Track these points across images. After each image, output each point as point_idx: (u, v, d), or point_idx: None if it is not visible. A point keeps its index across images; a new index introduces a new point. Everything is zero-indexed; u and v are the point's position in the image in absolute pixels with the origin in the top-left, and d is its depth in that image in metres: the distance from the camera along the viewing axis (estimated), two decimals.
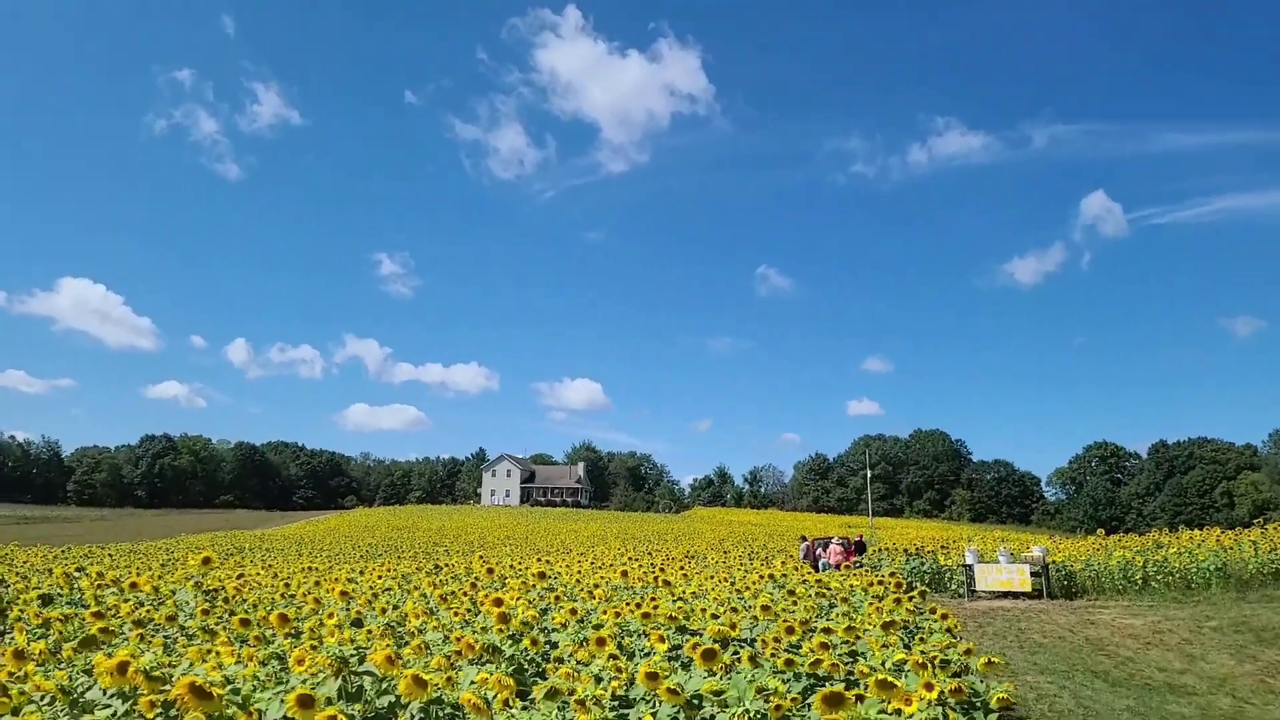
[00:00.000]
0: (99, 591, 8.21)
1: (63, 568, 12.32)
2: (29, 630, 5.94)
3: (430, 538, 48.19)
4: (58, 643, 5.09)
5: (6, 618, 8.07)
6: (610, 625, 7.36)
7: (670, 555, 21.79)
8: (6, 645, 4.90)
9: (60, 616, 6.03)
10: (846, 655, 6.11)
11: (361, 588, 11.25)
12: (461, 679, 4.97)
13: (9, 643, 5.10)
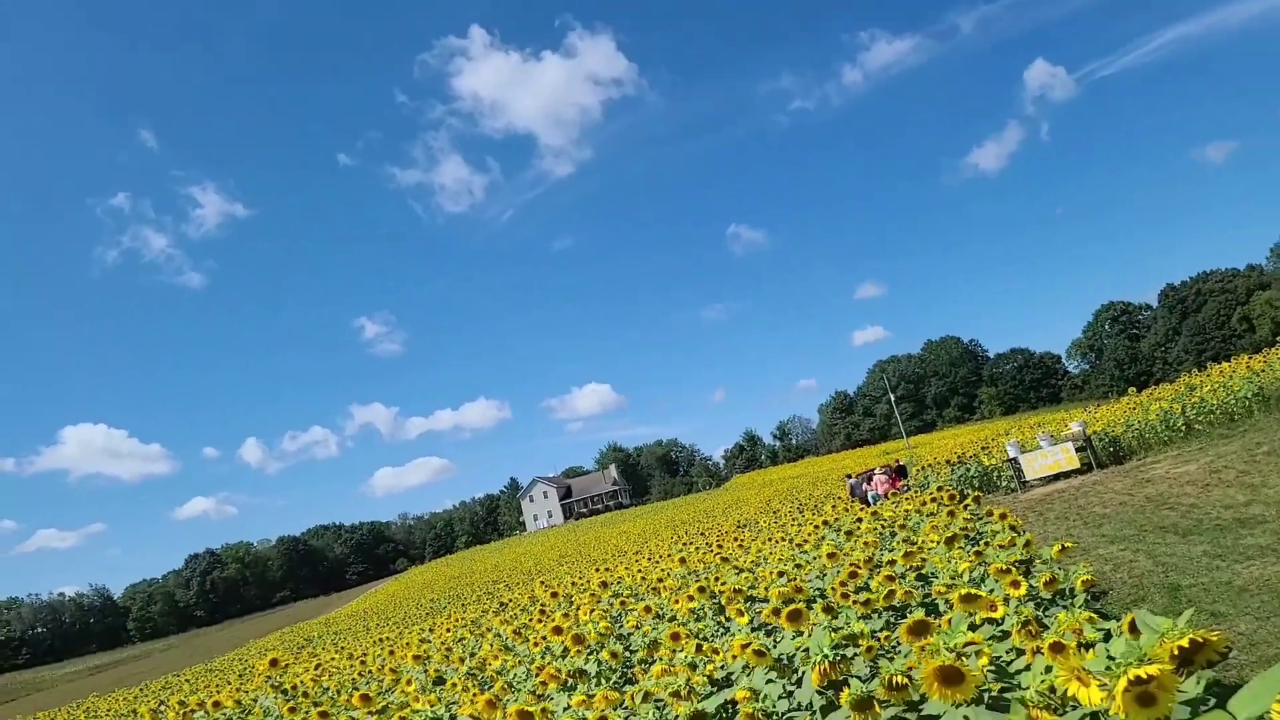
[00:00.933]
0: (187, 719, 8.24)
1: (146, 706, 12.38)
2: None
3: (488, 577, 48.33)
4: None
5: None
6: (684, 614, 7.37)
7: (722, 530, 21.82)
8: None
9: None
10: (916, 580, 6.10)
11: (435, 645, 11.28)
12: (556, 707, 4.97)
13: None
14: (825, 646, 3.38)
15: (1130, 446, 18.13)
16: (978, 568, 5.73)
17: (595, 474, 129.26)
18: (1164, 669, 1.81)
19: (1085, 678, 2.06)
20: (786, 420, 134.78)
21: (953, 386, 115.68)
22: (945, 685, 2.51)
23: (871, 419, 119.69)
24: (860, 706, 2.84)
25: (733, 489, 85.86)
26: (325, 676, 10.20)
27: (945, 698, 2.49)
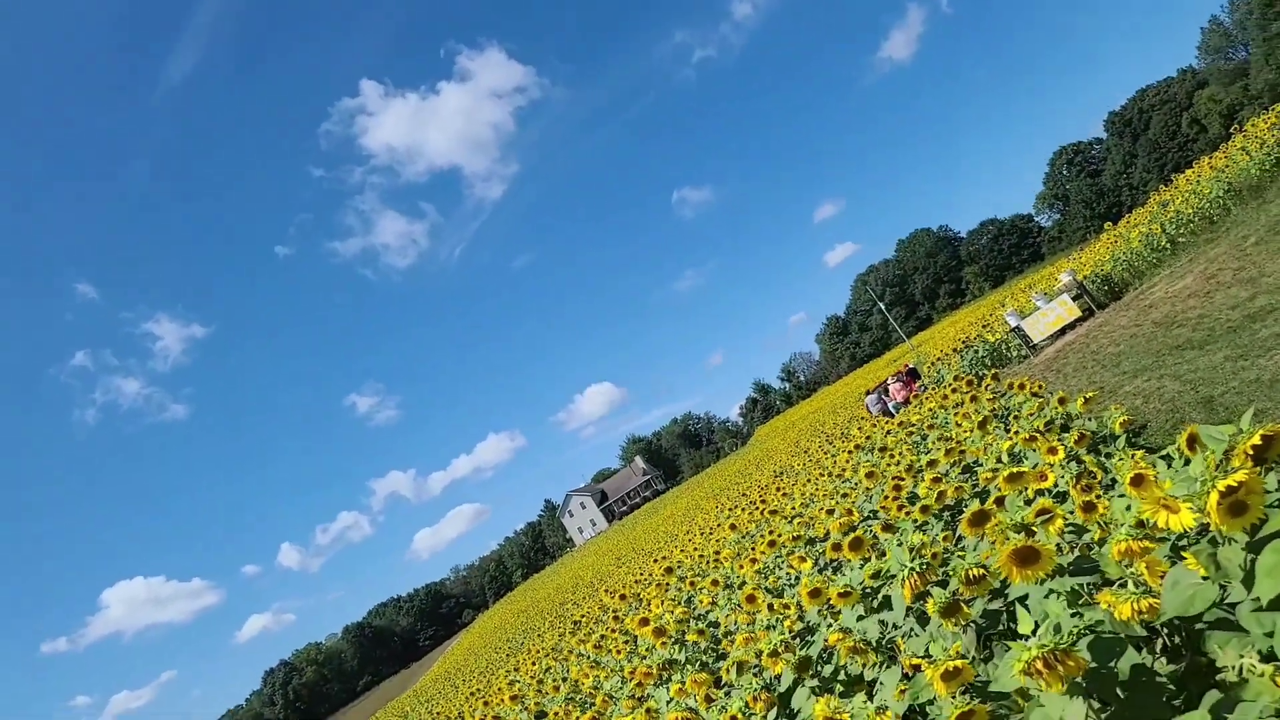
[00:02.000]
0: None
1: None
2: None
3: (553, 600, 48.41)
4: None
5: None
6: (750, 576, 7.38)
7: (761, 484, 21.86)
8: None
9: None
10: (961, 475, 6.11)
11: (525, 681, 11.31)
12: (658, 704, 4.98)
13: None
14: (906, 560, 3.37)
15: (1123, 279, 18.19)
16: (1016, 444, 5.74)
17: (624, 470, 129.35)
18: (1251, 473, 1.81)
19: (1172, 503, 2.05)
20: (789, 360, 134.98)
21: (936, 277, 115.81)
22: (1023, 566, 2.51)
23: (869, 333, 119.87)
24: (949, 612, 2.83)
25: (759, 442, 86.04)
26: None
27: (1027, 578, 2.48)
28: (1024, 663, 1.88)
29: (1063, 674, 1.85)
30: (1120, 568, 2.54)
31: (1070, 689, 1.89)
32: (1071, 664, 1.85)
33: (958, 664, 2.42)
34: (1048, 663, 1.86)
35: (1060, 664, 1.85)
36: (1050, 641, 1.87)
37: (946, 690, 2.41)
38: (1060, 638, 1.88)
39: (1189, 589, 2.06)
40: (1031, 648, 1.88)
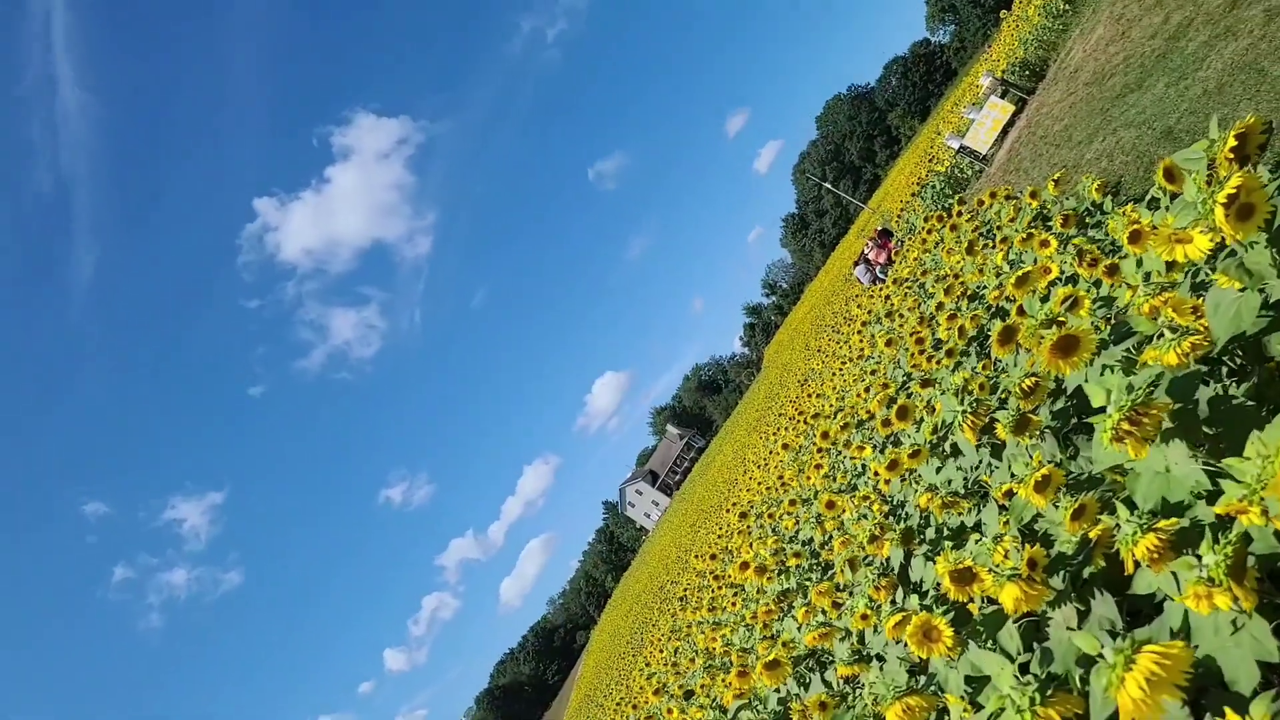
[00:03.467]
0: None
1: None
2: None
3: (651, 588, 48.81)
4: None
5: None
6: (821, 484, 7.42)
7: (792, 397, 21.94)
8: None
9: None
10: (970, 304, 6.11)
11: (660, 669, 11.43)
12: (790, 634, 5.03)
13: None
14: (956, 405, 3.38)
15: (1040, 57, 18.04)
16: (1009, 252, 5.74)
17: (661, 444, 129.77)
18: (1245, 175, 1.80)
19: (1183, 234, 2.05)
20: (766, 275, 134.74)
21: (866, 135, 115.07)
22: (1067, 356, 2.50)
23: (827, 216, 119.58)
24: (1019, 429, 2.84)
25: (771, 361, 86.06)
26: None
27: (1076, 366, 2.48)
28: (1111, 430, 1.88)
29: (1149, 426, 1.85)
30: (1152, 323, 2.54)
31: (1161, 440, 1.89)
32: (1154, 413, 1.86)
33: (1044, 472, 2.43)
34: (1133, 420, 1.86)
35: (1144, 417, 1.85)
36: (1126, 401, 1.87)
37: (1044, 500, 2.43)
38: (1135, 394, 1.87)
39: (1232, 306, 2.05)
40: (1112, 414, 1.88)
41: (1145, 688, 1.40)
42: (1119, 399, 1.88)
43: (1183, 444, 1.86)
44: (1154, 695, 1.41)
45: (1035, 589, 2.15)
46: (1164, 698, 1.41)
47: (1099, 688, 1.51)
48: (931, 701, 2.47)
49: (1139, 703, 1.41)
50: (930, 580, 3.43)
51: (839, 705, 3.69)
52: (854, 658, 3.68)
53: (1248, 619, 1.56)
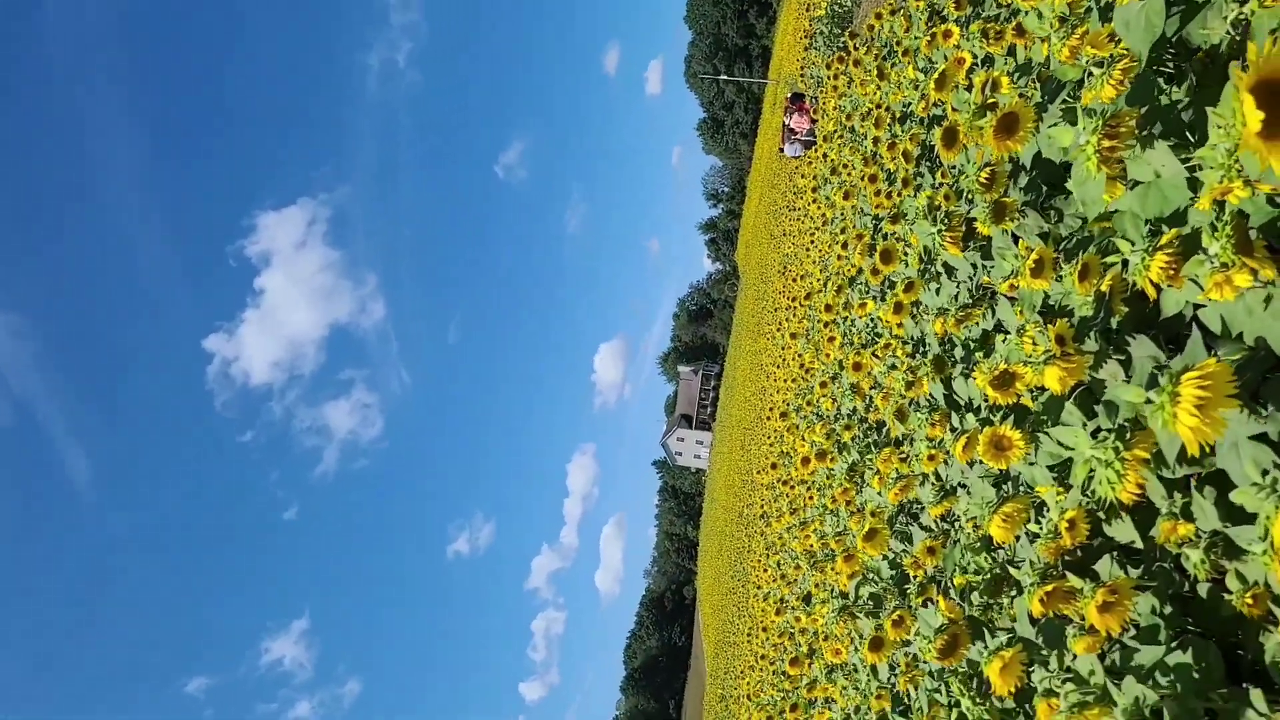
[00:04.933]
0: None
1: None
2: None
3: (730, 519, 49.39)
4: None
5: None
6: (840, 354, 7.47)
7: (779, 289, 21.96)
8: None
9: None
10: (903, 125, 6.07)
11: (770, 587, 11.65)
12: (870, 499, 5.12)
13: None
14: (929, 227, 3.38)
15: None
16: (917, 61, 5.68)
17: (680, 386, 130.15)
18: None
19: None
20: (704, 188, 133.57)
21: (738, 13, 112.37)
22: (1011, 134, 2.50)
23: (738, 106, 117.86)
24: (998, 218, 2.86)
25: (746, 264, 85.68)
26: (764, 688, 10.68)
27: (1025, 140, 2.48)
28: (1093, 155, 1.88)
29: (1125, 134, 1.85)
30: (1076, 65, 2.53)
31: (1141, 149, 1.89)
32: (1125, 119, 1.86)
33: (1035, 255, 2.45)
34: (1110, 134, 1.86)
35: (1119, 128, 1.85)
36: (1097, 120, 1.87)
37: (1045, 281, 2.46)
38: (1100, 117, 1.88)
39: (1140, 16, 2.03)
40: (1088, 140, 1.88)
41: (1197, 413, 1.44)
42: (1086, 124, 1.88)
43: (1164, 144, 1.85)
44: (1209, 415, 1.44)
45: (1073, 361, 2.18)
46: (1220, 412, 1.45)
47: (1158, 428, 1.54)
48: (1025, 501, 2.52)
49: (1198, 429, 1.45)
50: (977, 395, 3.48)
51: (945, 544, 3.78)
52: (939, 496, 3.75)
53: (1274, 287, 1.58)
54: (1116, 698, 1.75)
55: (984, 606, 3.11)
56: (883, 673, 4.64)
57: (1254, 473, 1.50)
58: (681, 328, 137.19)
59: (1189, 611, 1.90)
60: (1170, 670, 1.73)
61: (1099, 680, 1.86)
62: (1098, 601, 1.78)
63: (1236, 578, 1.72)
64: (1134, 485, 1.78)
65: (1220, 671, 1.68)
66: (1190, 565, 1.82)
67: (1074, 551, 2.37)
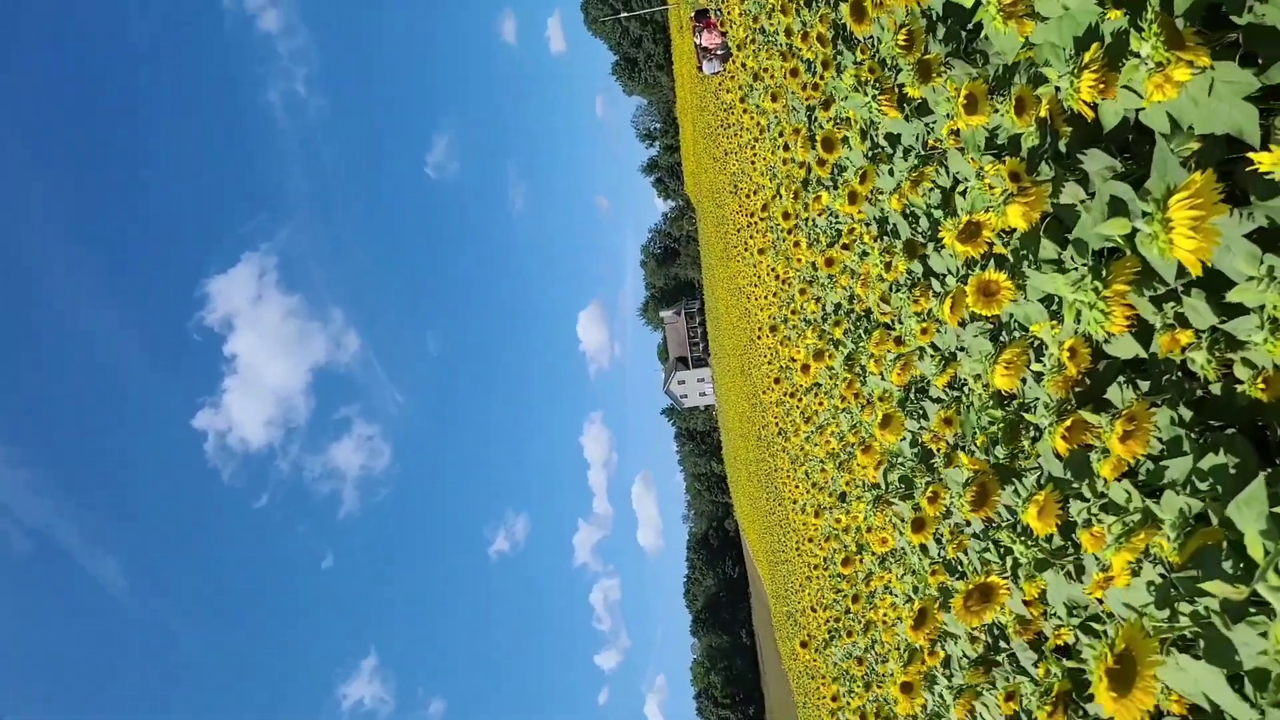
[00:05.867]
0: None
1: None
2: None
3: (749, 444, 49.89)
4: None
5: None
6: (810, 254, 7.43)
7: (737, 208, 21.80)
8: None
9: None
10: (814, 9, 5.92)
11: (805, 496, 11.81)
12: (875, 388, 5.12)
13: None
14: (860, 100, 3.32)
15: None
16: None
17: (667, 330, 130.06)
18: None
19: None
20: (635, 129, 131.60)
21: None
22: None
23: (647, 42, 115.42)
24: (925, 77, 2.78)
25: (697, 194, 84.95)
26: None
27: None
28: (994, 7, 1.83)
29: None
30: None
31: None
32: None
33: (968, 90, 2.40)
34: None
35: None
36: None
37: (982, 116, 2.41)
38: None
39: None
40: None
41: (1194, 233, 1.38)
42: None
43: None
44: (1203, 229, 1.39)
45: (1032, 193, 2.14)
46: (1212, 221, 1.39)
47: (1155, 256, 1.50)
48: (1022, 344, 2.50)
49: (1198, 249, 1.39)
50: (953, 263, 3.44)
51: (959, 410, 3.78)
52: (941, 365, 3.74)
53: (1213, 70, 1.53)
54: (1160, 514, 1.75)
55: (1009, 456, 3.12)
56: (931, 549, 4.70)
57: (1250, 267, 1.47)
58: (652, 274, 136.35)
59: (1206, 413, 1.89)
60: (1206, 475, 1.73)
61: (1137, 504, 1.86)
62: (1118, 433, 1.77)
63: (1244, 365, 1.70)
64: (1122, 318, 1.75)
65: (1253, 461, 1.67)
66: (1198, 368, 1.81)
67: (1081, 380, 2.35)
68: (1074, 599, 2.71)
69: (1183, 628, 1.55)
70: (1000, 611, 3.39)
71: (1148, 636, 1.29)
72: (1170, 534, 1.63)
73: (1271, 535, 1.28)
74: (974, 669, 4.08)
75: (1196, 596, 1.55)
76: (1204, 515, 1.68)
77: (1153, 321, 1.82)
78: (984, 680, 4.03)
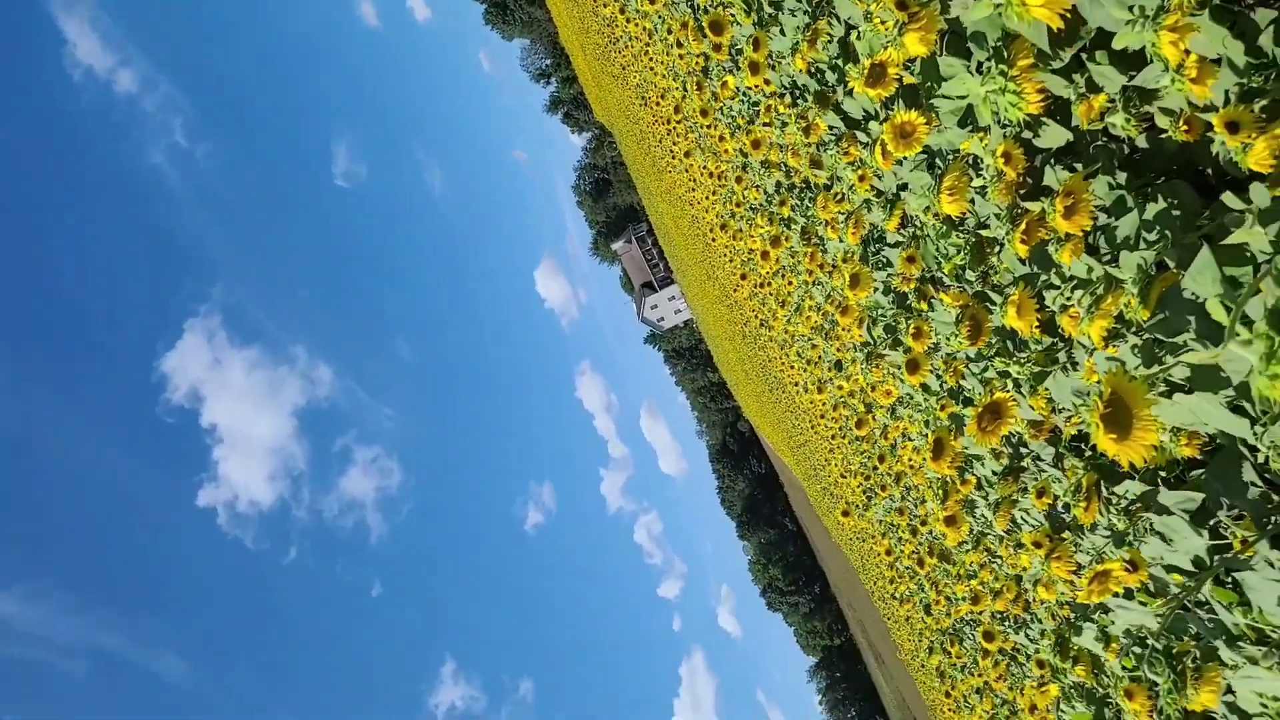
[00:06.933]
0: None
1: None
2: None
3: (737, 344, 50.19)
4: None
5: None
6: (737, 141, 7.36)
7: (657, 120, 21.41)
8: None
9: None
10: None
11: (802, 379, 11.99)
12: (841, 250, 5.15)
13: None
14: None
15: None
16: None
17: (624, 260, 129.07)
18: None
19: None
20: (526, 73, 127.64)
21: None
22: None
23: None
24: None
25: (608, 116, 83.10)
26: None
27: None
28: None
29: None
30: None
31: None
32: None
33: None
34: None
35: None
36: None
37: None
38: None
39: None
40: None
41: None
42: None
43: None
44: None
45: (923, 17, 2.13)
46: None
47: (1017, 24, 1.50)
48: (958, 166, 2.53)
49: (1050, 2, 1.39)
50: (869, 104, 3.43)
51: (918, 247, 3.83)
52: (888, 209, 3.77)
53: None
54: (1121, 275, 1.81)
55: (980, 276, 3.19)
56: (933, 385, 4.82)
57: (1121, 10, 1.48)
58: (591, 210, 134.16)
59: (1141, 171, 1.93)
60: (1153, 224, 1.78)
61: (1099, 272, 1.92)
62: (1060, 210, 1.81)
63: (1162, 114, 1.74)
64: (1035, 95, 1.77)
65: (1194, 199, 1.72)
66: (1120, 130, 1.84)
67: (1023, 180, 2.39)
68: (1077, 388, 2.81)
69: (1168, 367, 1.62)
70: (1018, 424, 3.52)
71: (1133, 380, 1.35)
72: (1133, 290, 1.69)
73: (1230, 297, 1.33)
74: (1004, 481, 4.25)
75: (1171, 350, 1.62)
76: (1162, 265, 1.75)
77: (1066, 95, 1.85)
78: (1016, 488, 4.21)
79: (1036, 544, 3.34)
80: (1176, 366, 1.59)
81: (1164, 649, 3.01)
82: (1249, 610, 1.96)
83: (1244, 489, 1.77)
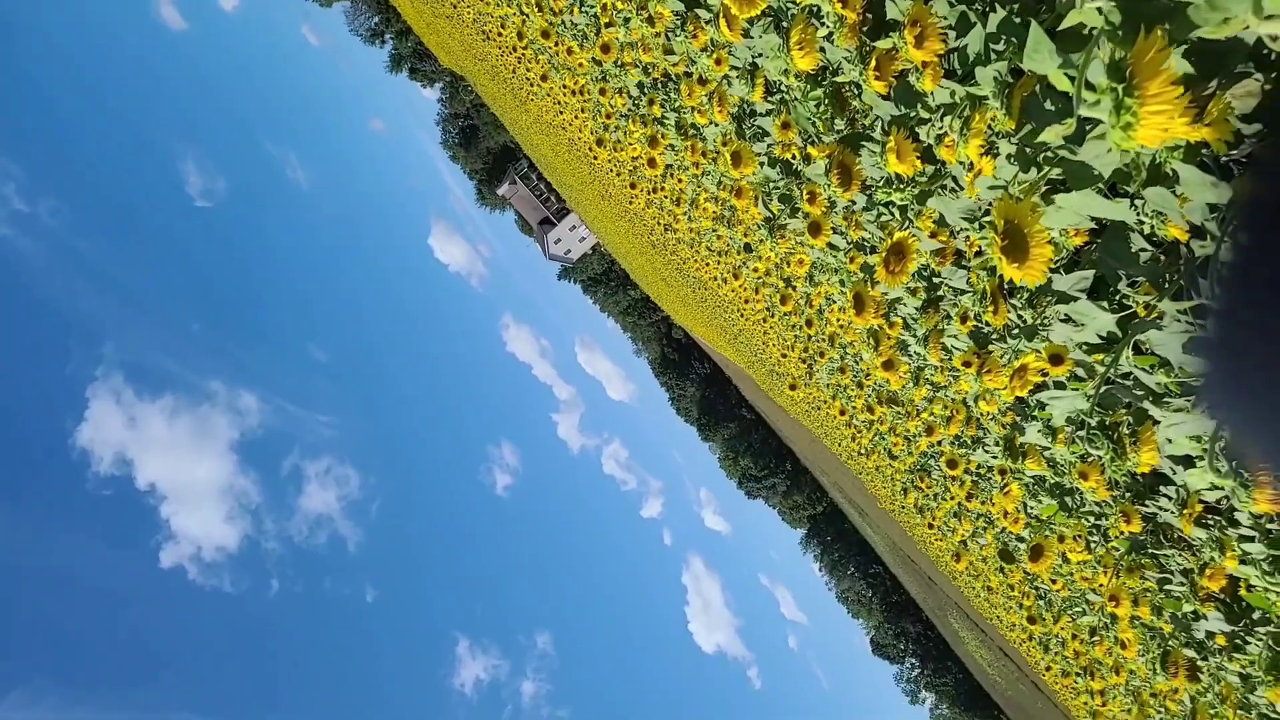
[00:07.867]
0: None
1: None
2: None
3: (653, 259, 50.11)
4: None
5: None
6: (620, 60, 7.12)
7: (517, 60, 20.57)
8: None
9: None
10: None
11: (741, 291, 12.06)
12: (736, 175, 5.09)
13: None
14: None
15: None
16: None
17: (515, 202, 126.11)
18: None
19: None
20: (357, 35, 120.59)
21: None
22: None
23: None
24: None
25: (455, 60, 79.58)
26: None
27: None
28: None
29: None
30: None
31: None
32: None
33: None
34: None
35: None
36: None
37: None
38: None
39: None
40: None
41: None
42: None
43: None
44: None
45: None
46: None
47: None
48: (801, 19, 2.47)
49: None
50: None
51: (787, 109, 3.80)
52: (749, 81, 3.70)
53: None
54: (981, 91, 1.82)
55: (849, 120, 3.19)
56: (838, 243, 4.88)
57: None
58: (465, 161, 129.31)
59: None
60: (999, 34, 1.77)
61: (961, 94, 1.92)
62: (911, 41, 1.79)
63: None
64: None
65: None
66: None
67: (864, 18, 2.36)
68: (965, 209, 2.87)
69: (1044, 175, 1.65)
70: (920, 256, 3.59)
71: (1018, 200, 1.37)
72: (995, 103, 1.69)
73: (1067, 64, 1.33)
74: (926, 315, 4.38)
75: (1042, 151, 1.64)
76: (1017, 72, 1.75)
77: None
78: (939, 318, 4.35)
79: (966, 364, 3.47)
80: (1054, 169, 1.62)
81: (1099, 424, 3.21)
82: (1170, 370, 2.07)
83: (1135, 257, 1.83)
